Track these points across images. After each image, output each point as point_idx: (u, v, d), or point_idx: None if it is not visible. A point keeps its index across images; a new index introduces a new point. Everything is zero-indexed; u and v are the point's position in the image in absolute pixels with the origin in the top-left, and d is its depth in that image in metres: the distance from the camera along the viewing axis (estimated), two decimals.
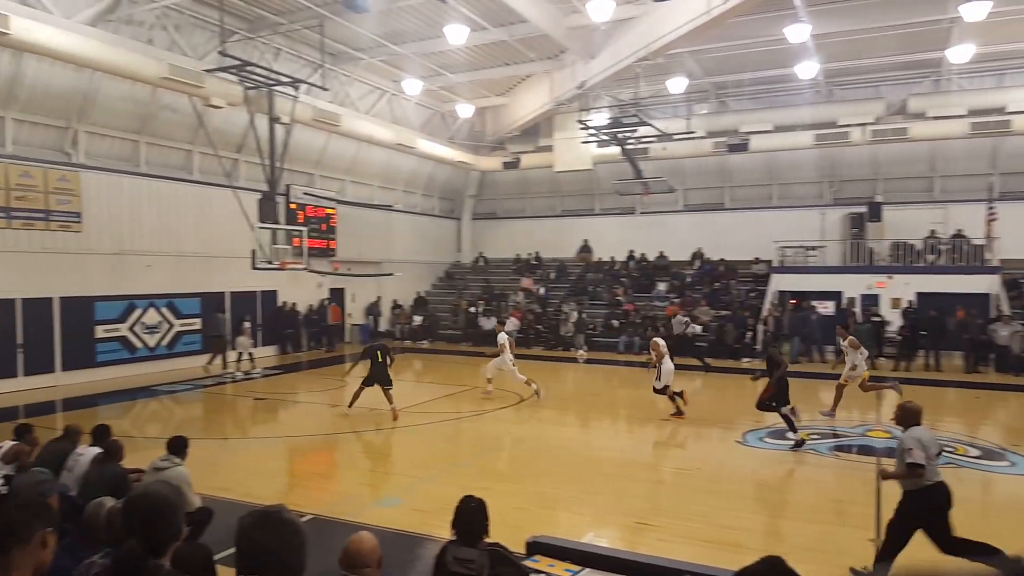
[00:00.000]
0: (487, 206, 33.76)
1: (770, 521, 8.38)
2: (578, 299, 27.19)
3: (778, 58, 22.31)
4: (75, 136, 17.64)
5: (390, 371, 13.74)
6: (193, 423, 14.03)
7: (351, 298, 27.13)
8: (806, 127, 24.83)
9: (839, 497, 9.15)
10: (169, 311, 19.85)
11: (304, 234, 19.80)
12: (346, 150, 25.58)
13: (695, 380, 19.28)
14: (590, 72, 22.17)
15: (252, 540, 2.34)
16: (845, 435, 12.53)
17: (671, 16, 18.90)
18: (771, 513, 8.64)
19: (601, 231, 30.27)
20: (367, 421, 13.38)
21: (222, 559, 5.05)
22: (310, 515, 7.73)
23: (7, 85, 15.83)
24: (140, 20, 17.27)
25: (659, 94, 25.06)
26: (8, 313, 16.20)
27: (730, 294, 25.23)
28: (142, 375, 18.39)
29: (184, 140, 20.33)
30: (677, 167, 27.87)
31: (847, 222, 25.19)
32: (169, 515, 2.98)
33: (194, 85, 17.27)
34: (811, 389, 17.88)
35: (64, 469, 6.78)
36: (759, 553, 2.33)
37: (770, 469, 10.56)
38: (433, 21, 19.32)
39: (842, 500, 8.96)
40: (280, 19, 18.94)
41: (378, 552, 3.53)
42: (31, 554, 2.61)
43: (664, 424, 13.26)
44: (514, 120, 27.16)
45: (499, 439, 12.69)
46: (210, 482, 8.46)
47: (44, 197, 16.68)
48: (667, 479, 10.17)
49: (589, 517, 8.39)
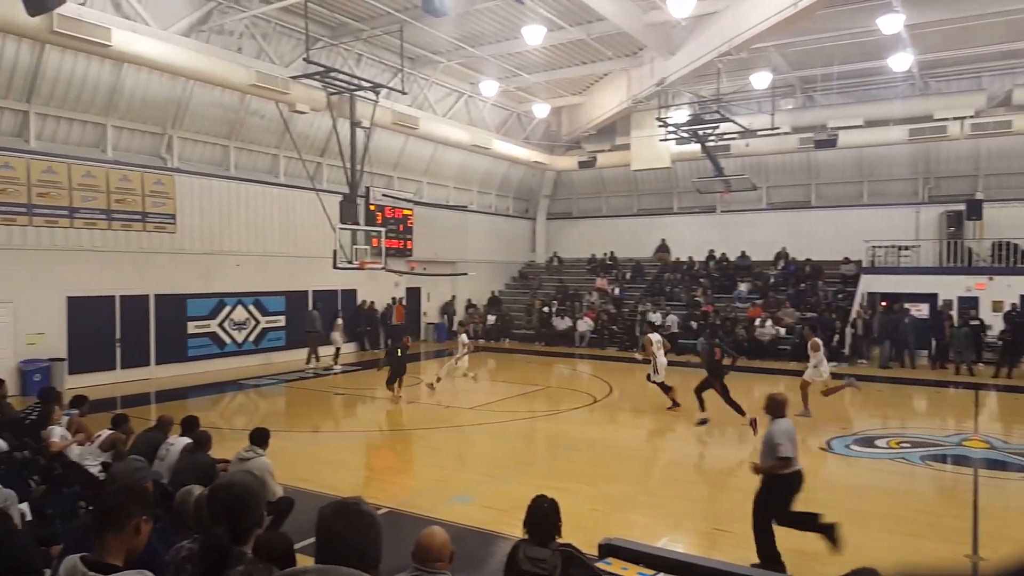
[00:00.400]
0: (562, 206, 33.68)
1: (855, 532, 8.02)
2: (654, 300, 26.82)
3: (869, 50, 21.42)
4: (170, 142, 18.51)
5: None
6: (276, 416, 14.50)
7: (426, 297, 27.56)
8: (899, 121, 23.78)
9: (931, 509, 8.73)
10: (256, 308, 20.64)
11: (382, 235, 20.19)
12: (423, 152, 25.99)
13: (778, 384, 18.76)
14: (669, 69, 21.82)
15: (332, 530, 2.40)
16: (939, 444, 11.93)
17: (755, 9, 18.39)
18: (856, 523, 8.28)
19: (679, 230, 29.75)
20: (440, 418, 13.54)
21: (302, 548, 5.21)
22: (386, 508, 7.87)
23: (108, 94, 16.74)
24: (230, 30, 17.97)
25: (742, 89, 24.46)
26: (108, 309, 17.13)
27: (816, 295, 24.42)
28: (230, 369, 19.16)
29: (271, 145, 21.09)
30: (760, 164, 27.24)
31: (943, 221, 24.00)
32: (251, 504, 3.09)
33: (280, 91, 17.86)
34: (904, 396, 17.17)
35: (156, 458, 7.10)
36: (842, 565, 2.24)
37: (856, 477, 10.16)
38: (510, 22, 19.40)
39: (935, 512, 8.55)
40: (362, 25, 19.38)
41: (450, 547, 3.56)
42: (126, 539, 2.75)
43: (745, 429, 12.92)
44: (590, 119, 27.00)
45: (573, 440, 12.62)
46: (291, 473, 8.72)
47: (141, 200, 17.57)
48: (746, 485, 9.83)
49: (664, 521, 8.26)
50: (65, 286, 16.24)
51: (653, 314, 24.78)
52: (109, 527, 2.74)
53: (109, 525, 2.74)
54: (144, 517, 2.78)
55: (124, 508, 2.76)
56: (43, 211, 15.75)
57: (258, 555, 2.98)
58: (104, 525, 2.75)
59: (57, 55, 15.40)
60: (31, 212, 15.56)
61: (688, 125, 22.67)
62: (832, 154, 25.86)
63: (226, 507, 3.02)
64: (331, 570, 2.29)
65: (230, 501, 3.04)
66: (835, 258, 25.40)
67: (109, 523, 2.75)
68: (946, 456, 11.23)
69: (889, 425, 13.72)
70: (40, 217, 15.72)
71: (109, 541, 2.72)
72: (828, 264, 25.57)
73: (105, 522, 2.76)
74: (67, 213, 16.16)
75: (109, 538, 2.72)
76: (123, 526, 2.74)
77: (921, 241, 24.08)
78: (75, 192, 16.28)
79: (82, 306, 16.52)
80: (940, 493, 9.42)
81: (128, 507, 2.77)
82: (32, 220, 15.59)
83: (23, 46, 14.87)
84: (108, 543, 2.72)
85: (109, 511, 2.79)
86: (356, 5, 18.26)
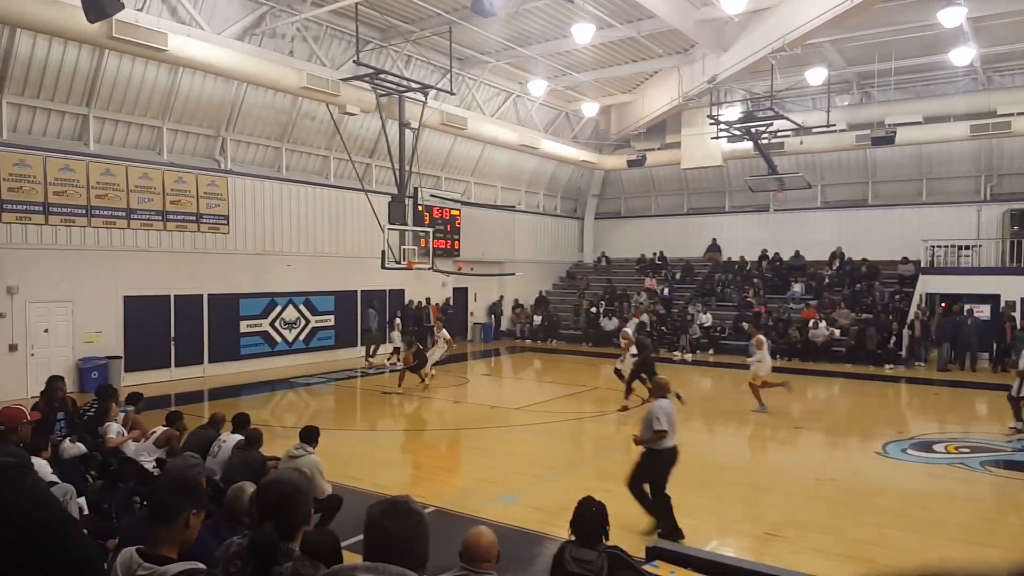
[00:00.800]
0: (610, 205, 33.44)
1: (910, 538, 7.77)
2: (705, 300, 26.44)
3: (929, 44, 20.75)
4: (224, 144, 18.92)
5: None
6: (325, 414, 14.69)
7: (473, 297, 27.63)
8: (960, 117, 23.00)
9: (990, 516, 8.44)
10: (306, 308, 20.96)
11: (430, 235, 20.30)
12: (471, 152, 26.09)
13: (832, 386, 18.34)
14: (721, 66, 21.46)
15: (380, 528, 2.40)
16: (1000, 449, 11.50)
17: (810, 4, 17.95)
18: (912, 529, 8.01)
19: (731, 229, 29.29)
20: (487, 418, 13.54)
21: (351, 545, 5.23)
22: (433, 507, 7.88)
23: (164, 98, 17.18)
24: (282, 33, 18.26)
25: (796, 86, 23.94)
26: (163, 309, 17.57)
27: (872, 296, 23.77)
28: (280, 368, 19.48)
29: (321, 146, 21.39)
30: (815, 162, 26.70)
31: (1006, 219, 23.19)
32: (299, 501, 3.09)
33: (331, 93, 18.09)
34: (963, 399, 16.59)
35: (208, 455, 7.23)
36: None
37: (913, 483, 9.83)
38: (559, 21, 19.32)
39: (993, 519, 8.26)
40: (411, 27, 19.51)
41: (496, 547, 3.55)
42: (177, 532, 2.80)
43: (797, 432, 12.65)
44: (640, 117, 26.73)
45: (620, 441, 12.48)
46: (340, 471, 8.81)
47: (195, 201, 18.00)
48: (799, 489, 9.65)
49: (714, 524, 8.11)
50: (122, 286, 16.70)
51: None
52: (161, 521, 2.79)
53: (161, 519, 2.79)
54: (194, 511, 2.82)
55: (174, 503, 2.81)
56: (102, 212, 16.25)
57: (305, 552, 2.98)
58: (156, 519, 2.81)
59: (115, 60, 15.85)
60: (90, 213, 16.07)
61: (740, 122, 22.31)
62: (889, 151, 25.18)
63: (274, 504, 3.04)
64: (379, 568, 2.29)
65: (278, 498, 3.05)
66: (892, 258, 24.71)
67: (161, 517, 2.80)
68: (1007, 462, 10.83)
69: (947, 429, 13.29)
70: (99, 218, 16.22)
71: (162, 534, 2.78)
72: (885, 264, 24.87)
73: (157, 516, 2.82)
74: (124, 214, 16.64)
75: (162, 532, 2.78)
76: (174, 520, 2.78)
77: (982, 240, 23.30)
78: (132, 194, 16.77)
79: (138, 305, 16.97)
80: (1001, 499, 9.08)
81: (178, 502, 2.81)
82: (91, 221, 16.10)
83: (83, 52, 15.35)
84: (161, 536, 2.78)
85: (160, 506, 2.85)
86: (406, 7, 18.40)
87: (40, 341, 15.44)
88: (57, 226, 15.58)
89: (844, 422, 13.71)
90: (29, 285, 15.19)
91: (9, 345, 14.99)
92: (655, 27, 19.59)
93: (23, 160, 15.02)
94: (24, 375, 15.06)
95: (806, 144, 24.31)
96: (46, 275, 15.43)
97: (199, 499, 2.93)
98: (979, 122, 22.49)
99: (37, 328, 15.40)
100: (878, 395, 17.38)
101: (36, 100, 15.41)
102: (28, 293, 15.19)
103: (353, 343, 22.20)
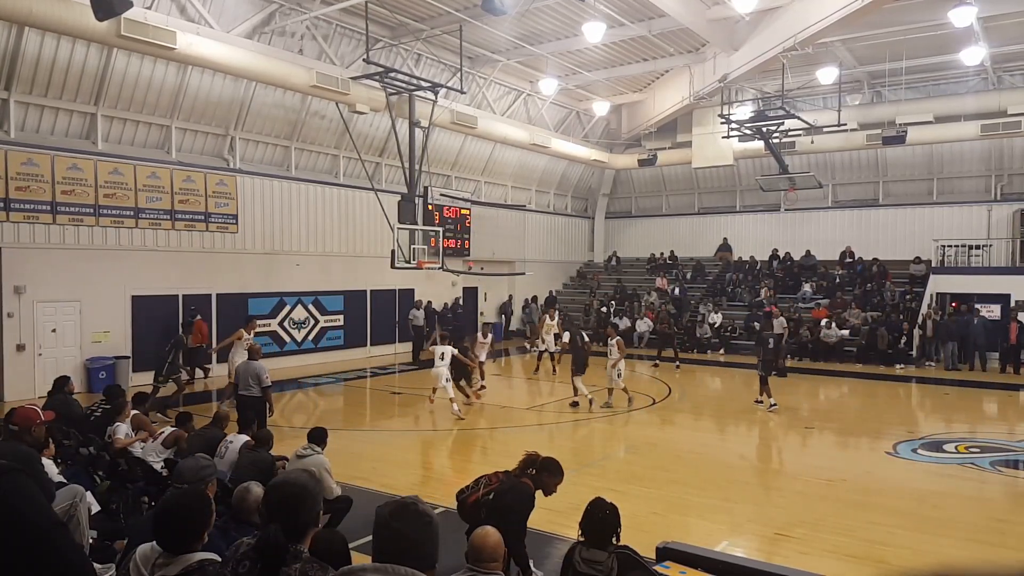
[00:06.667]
0: (621, 204, 33.37)
1: (921, 538, 7.70)
2: (716, 300, 26.34)
3: (940, 44, 20.59)
4: (232, 143, 18.94)
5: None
6: (334, 414, 14.69)
7: (483, 297, 27.59)
8: (971, 117, 22.83)
9: (1000, 515, 8.37)
10: (315, 308, 20.97)
11: (440, 234, 20.28)
12: (482, 151, 26.06)
13: (842, 386, 18.23)
14: (732, 65, 21.37)
15: (390, 528, 2.40)
16: (1010, 449, 11.42)
17: (821, 3, 17.87)
18: (923, 529, 7.94)
19: (742, 229, 29.21)
20: (498, 418, 13.51)
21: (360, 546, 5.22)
22: (442, 508, 7.85)
23: (173, 96, 17.20)
24: (291, 31, 18.26)
25: (807, 85, 23.80)
26: (171, 308, 17.57)
27: (882, 296, 23.63)
28: (289, 368, 19.48)
29: (331, 145, 21.40)
30: (826, 161, 26.62)
31: (1017, 219, 23.07)
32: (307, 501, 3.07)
33: (340, 92, 18.08)
34: (972, 399, 16.46)
35: (215, 455, 7.22)
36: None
37: (924, 483, 9.77)
38: (570, 20, 19.26)
39: (1004, 519, 8.18)
40: (421, 25, 19.49)
41: (503, 548, 3.55)
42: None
43: (807, 432, 12.59)
44: (651, 116, 26.64)
45: (632, 441, 12.47)
46: (349, 471, 8.79)
47: (204, 200, 18.03)
48: (809, 489, 9.58)
49: (724, 525, 8.06)
50: (130, 285, 16.70)
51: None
52: (170, 551, 3.09)
53: (170, 550, 3.10)
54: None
55: (182, 537, 3.14)
56: (110, 211, 16.27)
57: (314, 553, 2.97)
58: (166, 548, 3.11)
59: (123, 59, 15.86)
60: (98, 212, 16.09)
61: (752, 122, 22.19)
62: (900, 151, 25.07)
63: (282, 504, 3.02)
64: (388, 569, 2.29)
65: (286, 498, 3.03)
66: (903, 257, 24.62)
67: (170, 549, 3.10)
68: (1017, 462, 10.78)
69: (957, 429, 13.21)
70: (107, 217, 16.24)
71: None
72: (896, 264, 24.76)
73: (167, 546, 3.10)
74: (132, 213, 16.66)
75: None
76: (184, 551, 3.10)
77: (993, 240, 23.20)
78: (140, 193, 16.79)
79: (146, 305, 16.97)
80: (1011, 499, 9.01)
81: (185, 534, 3.14)
82: (99, 220, 16.12)
83: (91, 50, 15.35)
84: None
85: (169, 534, 3.13)
86: (416, 5, 18.38)
87: (48, 341, 15.44)
88: (65, 225, 15.59)
89: (855, 422, 13.62)
90: (37, 285, 15.19)
91: (17, 345, 15.01)
92: (666, 26, 19.53)
93: (31, 159, 15.04)
94: (32, 375, 15.08)
95: (817, 143, 24.20)
96: (54, 275, 15.45)
97: (206, 522, 3.19)
98: (990, 122, 22.36)
99: (45, 328, 15.40)
100: (889, 395, 17.28)
101: (44, 99, 15.42)
102: (36, 293, 15.20)
103: (363, 343, 22.21)
